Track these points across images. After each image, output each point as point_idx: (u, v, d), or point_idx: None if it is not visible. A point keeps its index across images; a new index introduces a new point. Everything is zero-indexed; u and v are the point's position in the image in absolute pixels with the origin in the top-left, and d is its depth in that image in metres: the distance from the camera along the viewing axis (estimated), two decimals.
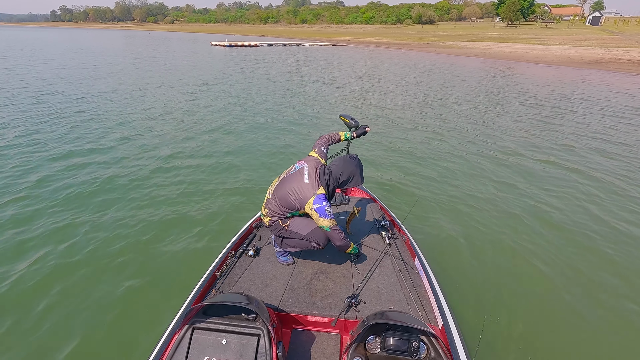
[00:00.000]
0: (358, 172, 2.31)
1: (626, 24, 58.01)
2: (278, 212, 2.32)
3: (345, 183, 2.31)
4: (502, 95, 12.73)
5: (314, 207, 2.17)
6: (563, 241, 3.82)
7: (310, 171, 2.25)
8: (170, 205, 4.33)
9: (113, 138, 6.64)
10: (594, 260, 3.53)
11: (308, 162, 2.32)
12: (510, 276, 3.25)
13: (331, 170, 2.29)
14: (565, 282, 3.20)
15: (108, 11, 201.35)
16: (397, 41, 47.91)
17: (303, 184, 2.21)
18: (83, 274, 3.13)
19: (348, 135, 2.68)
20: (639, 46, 30.11)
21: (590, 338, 2.65)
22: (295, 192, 2.22)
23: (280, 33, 78.43)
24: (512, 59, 27.63)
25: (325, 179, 2.25)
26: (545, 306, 2.92)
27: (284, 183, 2.30)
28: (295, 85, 13.88)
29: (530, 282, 3.19)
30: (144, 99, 10.25)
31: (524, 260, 3.47)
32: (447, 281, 3.08)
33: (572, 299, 3.01)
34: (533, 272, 3.32)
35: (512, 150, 6.70)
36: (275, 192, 2.33)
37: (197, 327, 1.74)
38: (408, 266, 2.48)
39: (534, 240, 3.81)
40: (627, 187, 5.20)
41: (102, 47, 32.95)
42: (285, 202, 2.26)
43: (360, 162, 2.36)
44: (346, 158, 2.33)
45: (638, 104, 11.36)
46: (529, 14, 71.45)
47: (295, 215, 2.35)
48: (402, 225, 2.96)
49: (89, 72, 15.53)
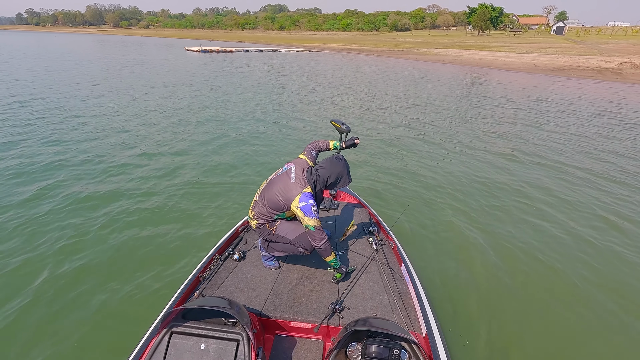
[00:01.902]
0: (345, 173, 2.31)
1: (587, 33, 61.36)
2: (265, 215, 2.31)
3: (334, 184, 2.31)
4: (482, 100, 13.01)
5: (300, 206, 2.15)
6: (552, 251, 3.77)
7: (298, 171, 2.26)
8: (153, 210, 4.27)
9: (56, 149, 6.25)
10: (582, 267, 3.51)
11: (296, 163, 2.33)
12: (497, 286, 3.20)
13: (319, 172, 2.28)
14: (552, 293, 3.14)
15: (79, 15, 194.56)
16: (373, 48, 48.68)
17: (290, 183, 2.21)
18: (60, 277, 3.05)
19: (337, 145, 2.65)
20: (598, 54, 31.82)
21: (576, 346, 2.61)
22: (282, 192, 2.21)
23: (258, 39, 78.22)
24: (482, 65, 28.54)
25: (313, 180, 2.24)
26: (530, 318, 2.85)
27: (271, 185, 2.30)
28: (268, 91, 13.69)
29: (517, 293, 3.13)
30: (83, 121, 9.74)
31: (511, 271, 3.42)
32: (433, 289, 3.02)
33: (559, 309, 2.96)
34: (520, 283, 3.26)
35: (500, 156, 6.76)
36: (262, 194, 2.33)
37: (175, 332, 1.70)
38: (394, 272, 2.46)
39: (522, 250, 3.76)
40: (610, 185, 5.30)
41: (68, 51, 31.63)
42: (272, 202, 2.25)
43: (346, 162, 2.36)
44: (332, 159, 2.32)
45: (595, 108, 11.88)
46: (498, 23, 74.43)
47: (282, 217, 2.34)
48: (390, 232, 2.92)
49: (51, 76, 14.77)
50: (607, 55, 30.82)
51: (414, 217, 4.33)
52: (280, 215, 2.32)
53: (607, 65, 25.06)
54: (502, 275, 3.36)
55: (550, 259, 3.62)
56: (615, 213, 4.63)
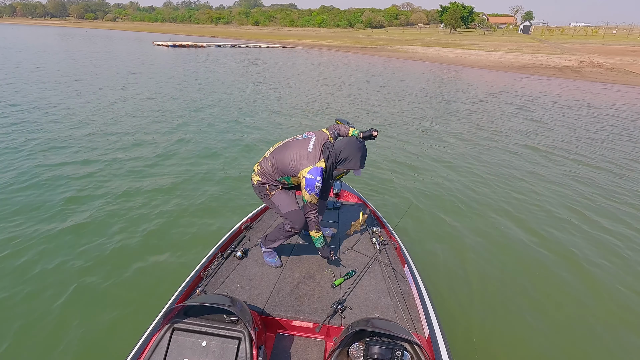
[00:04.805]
0: (359, 156, 2.25)
1: (551, 32, 64.11)
2: (268, 174, 2.31)
3: (343, 162, 2.26)
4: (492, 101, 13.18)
5: (307, 177, 2.16)
6: (560, 255, 3.73)
7: (316, 143, 2.26)
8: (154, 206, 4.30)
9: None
10: (586, 270, 3.49)
11: (316, 134, 2.32)
12: (501, 289, 3.14)
13: (334, 146, 2.26)
14: (558, 296, 3.10)
15: (39, 6, 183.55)
16: (347, 44, 48.69)
17: (305, 151, 2.21)
18: (63, 272, 3.08)
19: (356, 133, 2.58)
20: (560, 53, 33.24)
21: (581, 349, 2.59)
22: (295, 157, 2.21)
23: (232, 34, 76.53)
24: (452, 63, 29.13)
25: (327, 153, 2.24)
26: (535, 322, 2.80)
27: (286, 146, 2.30)
28: (237, 88, 13.31)
29: (522, 297, 3.07)
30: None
31: (516, 274, 3.36)
32: (436, 290, 2.97)
33: (566, 311, 2.92)
34: (525, 287, 3.20)
35: (502, 156, 6.77)
36: (274, 153, 2.32)
37: (177, 328, 1.70)
38: (397, 273, 2.45)
39: (529, 253, 3.70)
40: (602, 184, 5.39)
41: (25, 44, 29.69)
42: (281, 163, 2.25)
43: (365, 147, 2.30)
44: (352, 139, 2.29)
45: (553, 103, 12.33)
46: (469, 21, 76.37)
47: (286, 181, 2.32)
48: (394, 232, 2.87)
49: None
50: (568, 54, 32.26)
51: (417, 218, 4.27)
52: (285, 179, 2.31)
53: (568, 63, 26.20)
54: (507, 277, 3.31)
55: (557, 263, 3.57)
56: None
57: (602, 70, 23.23)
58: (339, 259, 2.58)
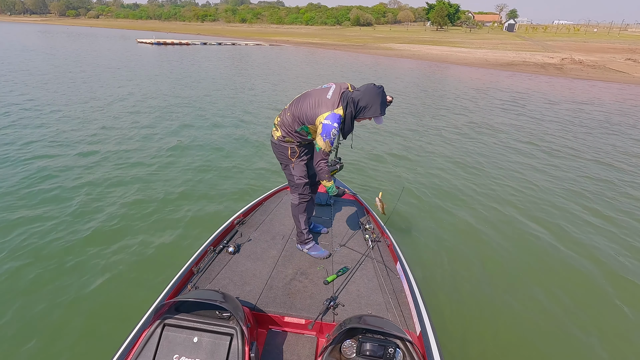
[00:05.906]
0: (378, 102, 2.21)
1: (535, 30, 65.30)
2: (288, 125, 2.33)
3: (363, 110, 2.23)
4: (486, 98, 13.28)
5: (324, 122, 2.18)
6: (551, 251, 3.75)
7: (336, 90, 2.27)
8: (145, 201, 4.28)
9: None
10: (578, 272, 3.49)
11: (337, 84, 2.32)
12: (492, 287, 3.15)
13: (353, 95, 2.24)
14: (549, 293, 3.11)
15: (18, 2, 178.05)
16: (334, 42, 48.65)
17: (324, 98, 2.23)
18: (50, 268, 3.05)
19: None
20: (543, 50, 33.87)
21: (572, 346, 2.60)
22: (314, 103, 2.23)
23: (218, 32, 75.60)
24: (438, 60, 29.39)
25: (346, 101, 2.23)
26: (525, 319, 2.81)
27: (306, 95, 2.32)
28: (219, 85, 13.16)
29: (512, 293, 3.08)
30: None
31: (508, 272, 3.37)
32: (428, 288, 2.98)
33: (556, 310, 2.93)
34: (516, 283, 3.22)
35: (493, 154, 6.79)
36: (294, 102, 2.35)
37: (168, 324, 1.68)
38: (389, 270, 2.46)
39: (520, 250, 3.72)
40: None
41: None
42: (300, 112, 2.27)
43: (384, 92, 2.26)
44: (370, 85, 2.25)
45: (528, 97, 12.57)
46: (455, 19, 77.22)
47: (305, 131, 2.33)
48: (386, 229, 2.87)
49: None
50: (551, 51, 32.90)
51: (409, 215, 4.28)
52: (304, 128, 2.32)
53: (550, 60, 26.73)
54: (498, 275, 3.33)
55: (549, 259, 3.60)
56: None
57: (583, 68, 23.77)
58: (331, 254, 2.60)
